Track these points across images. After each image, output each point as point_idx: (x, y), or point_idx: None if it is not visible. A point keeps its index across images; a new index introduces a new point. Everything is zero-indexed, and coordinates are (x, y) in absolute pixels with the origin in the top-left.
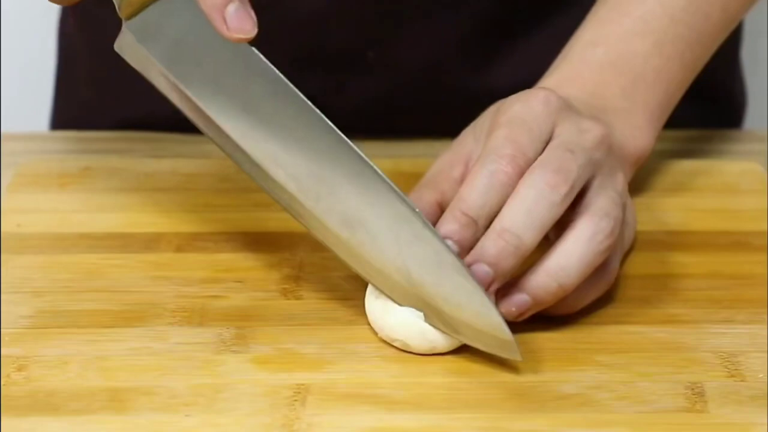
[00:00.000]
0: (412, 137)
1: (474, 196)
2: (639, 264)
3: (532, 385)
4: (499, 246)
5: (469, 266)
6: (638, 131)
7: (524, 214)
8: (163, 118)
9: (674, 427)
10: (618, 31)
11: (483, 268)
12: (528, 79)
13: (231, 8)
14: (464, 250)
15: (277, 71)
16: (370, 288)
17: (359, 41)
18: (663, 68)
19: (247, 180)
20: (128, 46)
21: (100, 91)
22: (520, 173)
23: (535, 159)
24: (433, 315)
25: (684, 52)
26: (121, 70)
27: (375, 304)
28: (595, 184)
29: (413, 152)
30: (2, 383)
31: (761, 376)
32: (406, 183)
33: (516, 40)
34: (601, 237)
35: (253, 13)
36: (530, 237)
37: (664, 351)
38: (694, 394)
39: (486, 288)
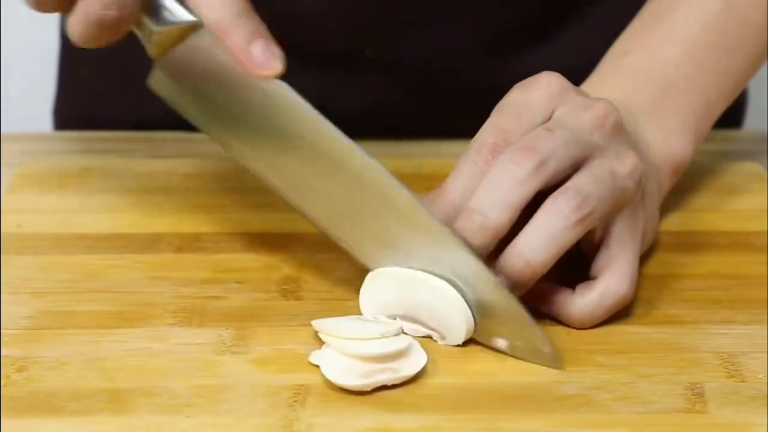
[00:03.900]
0: (414, 137)
1: (455, 187)
2: (639, 264)
3: (532, 385)
4: (466, 225)
5: None
6: (671, 137)
7: (489, 192)
8: (164, 106)
9: (674, 427)
10: (648, 39)
11: None
12: None
13: (257, 47)
14: None
15: (307, 104)
16: (364, 285)
17: (356, 39)
18: (696, 75)
19: (248, 180)
20: (161, 83)
21: (104, 78)
22: None
23: None
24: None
25: (720, 58)
26: (127, 63)
27: (364, 296)
28: (587, 164)
29: (415, 153)
30: (2, 384)
31: (761, 376)
32: (406, 184)
33: (518, 43)
34: (567, 211)
35: (278, 50)
36: (495, 214)
37: (664, 352)
38: (694, 395)
39: None
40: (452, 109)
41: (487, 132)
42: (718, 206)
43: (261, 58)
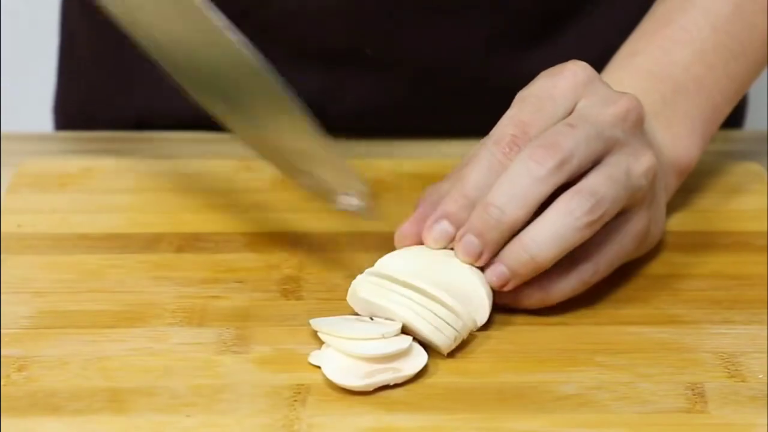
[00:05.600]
0: (414, 137)
1: (473, 178)
2: (639, 264)
3: (532, 385)
4: (482, 218)
5: (460, 239)
6: (679, 139)
7: (508, 188)
8: (164, 104)
9: (674, 427)
10: (659, 41)
11: (470, 239)
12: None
13: None
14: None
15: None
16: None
17: (357, 37)
18: (705, 78)
19: (248, 180)
20: None
21: (104, 76)
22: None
23: None
24: None
25: (728, 62)
26: (127, 63)
27: (355, 301)
28: (605, 160)
29: (414, 152)
30: (2, 383)
31: (761, 376)
32: (406, 184)
33: (520, 43)
34: (579, 213)
35: None
36: (512, 209)
37: (664, 351)
38: (694, 395)
39: (476, 259)
40: (453, 108)
41: (507, 123)
42: (719, 206)
43: None
